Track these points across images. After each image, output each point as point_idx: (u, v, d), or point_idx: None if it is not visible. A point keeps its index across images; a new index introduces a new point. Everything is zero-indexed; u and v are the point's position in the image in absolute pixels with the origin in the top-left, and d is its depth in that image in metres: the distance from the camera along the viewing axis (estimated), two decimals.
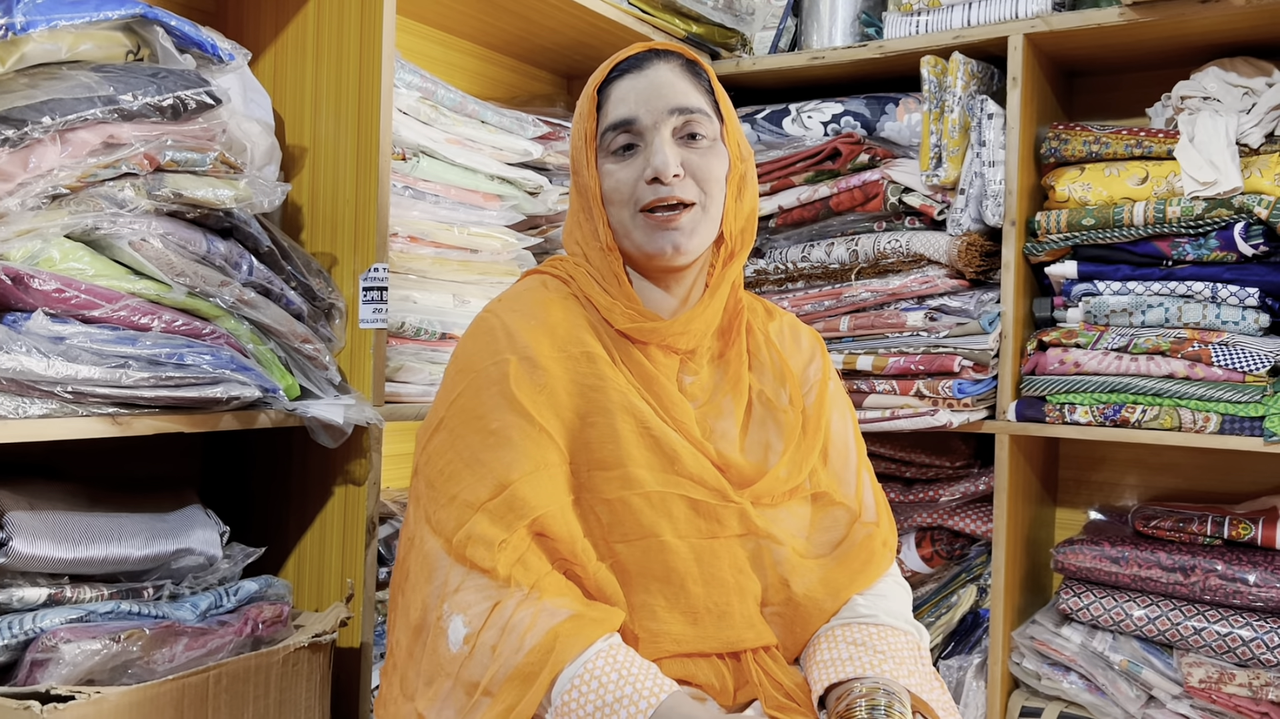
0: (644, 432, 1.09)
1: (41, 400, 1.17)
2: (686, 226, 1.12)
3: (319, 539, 1.58)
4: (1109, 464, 2.18)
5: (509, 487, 1.03)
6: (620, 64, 1.16)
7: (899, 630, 1.13)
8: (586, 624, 0.99)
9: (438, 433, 1.11)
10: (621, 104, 1.13)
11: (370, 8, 1.53)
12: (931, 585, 2.10)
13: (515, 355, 1.10)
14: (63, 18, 1.21)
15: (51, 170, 1.19)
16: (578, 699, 0.93)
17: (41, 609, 1.20)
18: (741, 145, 1.19)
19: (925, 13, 2.04)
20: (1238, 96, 1.84)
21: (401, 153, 1.64)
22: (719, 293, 1.19)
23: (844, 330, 2.05)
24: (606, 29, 1.97)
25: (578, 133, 1.17)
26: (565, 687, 0.95)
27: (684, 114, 1.12)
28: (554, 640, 0.96)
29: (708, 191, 1.13)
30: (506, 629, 0.97)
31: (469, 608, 0.99)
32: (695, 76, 1.16)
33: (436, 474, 1.08)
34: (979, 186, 1.94)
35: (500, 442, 1.06)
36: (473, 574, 1.01)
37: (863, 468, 1.24)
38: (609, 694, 0.93)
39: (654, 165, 1.10)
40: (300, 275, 1.47)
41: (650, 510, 1.07)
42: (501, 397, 1.08)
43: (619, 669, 0.96)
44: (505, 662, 0.95)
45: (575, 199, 1.20)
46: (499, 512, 1.02)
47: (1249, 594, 1.76)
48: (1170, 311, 1.83)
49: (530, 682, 0.94)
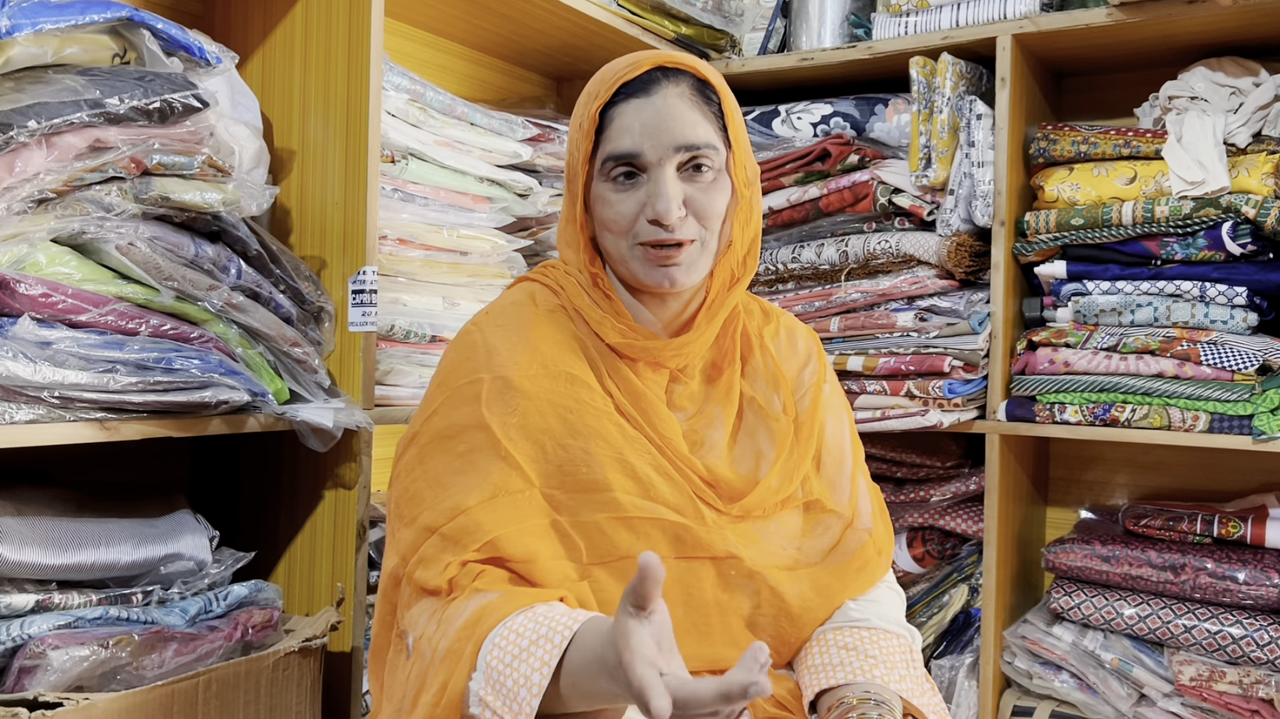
0: (619, 458, 1.07)
1: (28, 406, 1.17)
2: (685, 263, 1.09)
3: (309, 543, 1.57)
4: (1099, 463, 2.18)
5: (465, 511, 1.02)
6: (625, 85, 1.09)
7: (891, 634, 1.12)
8: (517, 597, 0.96)
9: (409, 449, 1.10)
10: (626, 135, 1.07)
11: (358, 10, 1.53)
12: (923, 585, 2.10)
13: (490, 375, 1.08)
14: (48, 21, 1.21)
15: (37, 174, 1.19)
16: (498, 655, 0.89)
17: (29, 616, 1.20)
18: (748, 169, 1.14)
19: (914, 14, 2.04)
20: (1225, 96, 1.84)
21: (390, 155, 1.63)
22: (717, 318, 1.16)
23: (834, 331, 2.05)
24: (596, 30, 1.97)
25: (575, 146, 1.12)
26: (487, 648, 0.91)
27: (690, 150, 1.07)
28: (480, 614, 0.93)
29: (708, 227, 1.10)
30: (442, 622, 0.96)
31: (419, 624, 0.99)
32: (705, 101, 1.10)
33: (402, 493, 1.08)
34: (968, 187, 1.94)
35: (464, 465, 1.05)
36: (421, 596, 1.01)
37: (859, 473, 1.21)
38: (525, 640, 0.90)
39: (657, 210, 1.06)
40: (289, 279, 1.46)
41: (627, 533, 1.05)
42: (471, 418, 1.06)
43: (537, 618, 0.92)
44: (438, 648, 0.94)
45: (566, 207, 1.16)
46: (452, 535, 1.01)
47: (1239, 592, 1.77)
48: (1159, 311, 1.83)
49: (458, 657, 0.91)
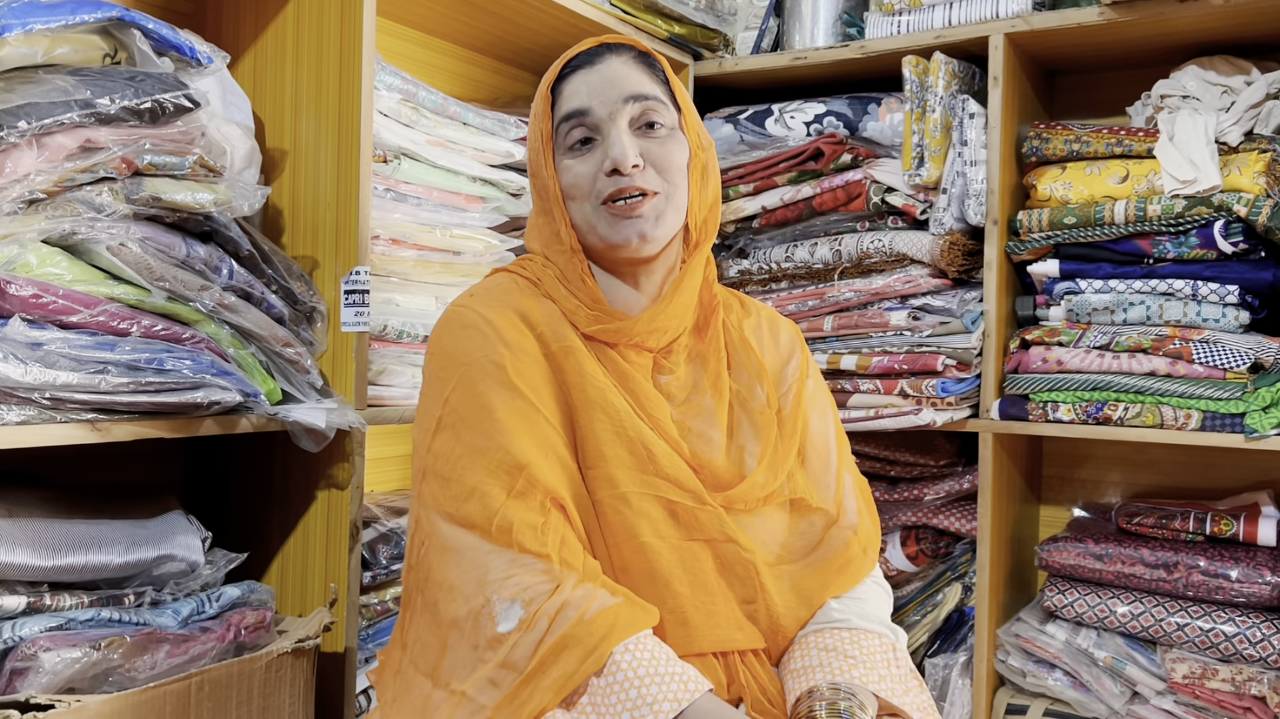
0: (620, 430, 1.08)
1: (19, 407, 1.16)
2: (650, 214, 1.10)
3: (302, 544, 1.57)
4: (1092, 462, 2.19)
5: (525, 468, 1.03)
6: (572, 60, 1.14)
7: (872, 634, 1.11)
8: (640, 611, 1.02)
9: (440, 431, 1.09)
10: (574, 97, 1.11)
11: (350, 10, 1.53)
12: (917, 584, 2.10)
13: (506, 348, 1.09)
14: (38, 21, 1.20)
15: (28, 175, 1.18)
16: (629, 661, 0.97)
17: (21, 618, 1.20)
18: (701, 135, 1.17)
19: (906, 13, 2.04)
20: (1217, 95, 1.85)
21: (382, 155, 1.63)
22: (685, 286, 1.16)
23: (828, 330, 2.06)
24: (588, 30, 1.96)
25: (534, 133, 1.15)
26: (622, 648, 0.97)
27: (639, 101, 1.10)
28: (615, 617, 0.98)
29: (670, 180, 1.11)
30: (565, 606, 0.98)
31: (527, 589, 0.99)
32: (649, 68, 1.14)
33: (450, 469, 1.06)
34: (961, 186, 1.94)
35: (506, 428, 1.05)
36: (523, 559, 1.01)
37: (844, 469, 1.21)
38: (660, 665, 0.97)
39: (612, 157, 1.08)
40: (281, 279, 1.46)
41: (628, 510, 1.06)
42: (501, 385, 1.07)
43: (669, 653, 1.01)
44: (567, 633, 0.97)
45: (536, 201, 1.18)
46: (526, 494, 1.03)
47: (1231, 590, 1.77)
48: (1151, 309, 1.83)
49: (592, 651, 0.96)
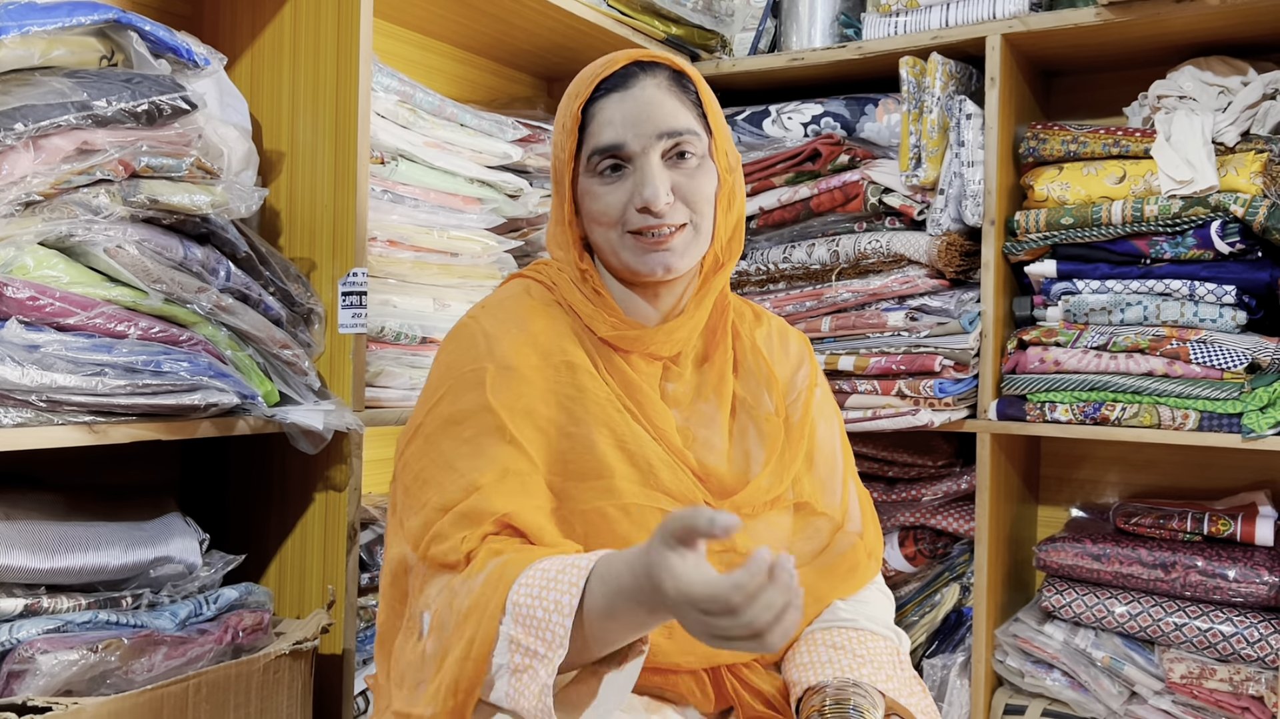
0: (620, 444, 1.08)
1: (16, 409, 1.16)
2: (678, 248, 1.10)
3: (300, 546, 1.57)
4: (1090, 462, 2.19)
5: (478, 490, 1.02)
6: (605, 81, 1.12)
7: (879, 635, 1.13)
8: (536, 550, 0.97)
9: (414, 440, 1.10)
10: (608, 127, 1.09)
11: (347, 11, 1.53)
12: (915, 584, 2.10)
13: (493, 364, 1.09)
14: (35, 23, 1.20)
15: (25, 177, 1.18)
16: (525, 593, 0.90)
17: (18, 620, 1.19)
18: (730, 154, 1.16)
19: (903, 14, 2.04)
20: (1213, 95, 1.85)
21: (380, 156, 1.63)
22: (705, 303, 1.17)
23: (825, 331, 2.06)
24: (585, 31, 1.96)
25: (559, 145, 1.14)
26: (514, 591, 0.91)
27: (673, 137, 1.09)
28: (503, 566, 0.94)
29: (698, 210, 1.11)
30: (464, 584, 0.95)
31: (434, 599, 0.98)
32: (683, 90, 1.12)
33: (412, 480, 1.07)
34: (958, 186, 1.94)
35: (473, 449, 1.05)
36: (439, 573, 1.00)
37: (849, 476, 1.23)
38: (552, 571, 0.91)
39: (644, 197, 1.07)
40: (278, 280, 1.46)
41: (626, 521, 1.06)
42: (477, 404, 1.07)
43: (561, 558, 0.94)
44: (460, 608, 0.94)
45: (554, 211, 1.18)
46: (466, 512, 1.01)
47: (1229, 590, 1.77)
48: (1149, 309, 1.84)
49: (484, 607, 0.92)
